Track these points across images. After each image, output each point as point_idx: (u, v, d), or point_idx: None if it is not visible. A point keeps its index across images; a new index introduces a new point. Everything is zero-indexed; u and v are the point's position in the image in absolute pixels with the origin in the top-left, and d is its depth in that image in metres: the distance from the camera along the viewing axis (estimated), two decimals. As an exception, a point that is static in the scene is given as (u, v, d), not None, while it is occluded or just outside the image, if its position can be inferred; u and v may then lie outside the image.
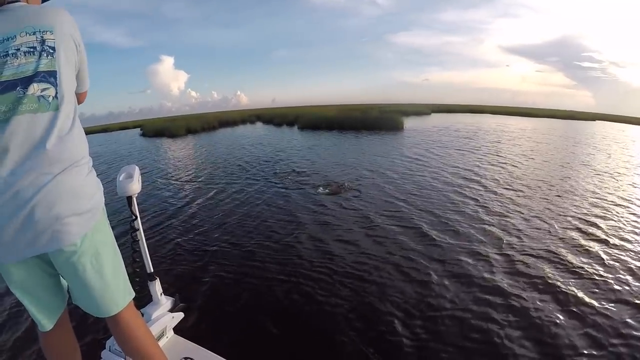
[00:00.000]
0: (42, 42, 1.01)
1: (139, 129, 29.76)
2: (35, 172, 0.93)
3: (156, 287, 1.79)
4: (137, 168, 1.63)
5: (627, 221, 4.89)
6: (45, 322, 1.16)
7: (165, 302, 1.82)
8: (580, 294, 2.99)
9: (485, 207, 5.39)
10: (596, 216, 5.05)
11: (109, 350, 1.58)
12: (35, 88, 0.98)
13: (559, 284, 3.16)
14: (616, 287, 3.12)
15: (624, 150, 13.60)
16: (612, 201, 5.87)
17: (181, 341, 1.74)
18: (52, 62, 1.02)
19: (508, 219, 4.85)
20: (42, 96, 0.98)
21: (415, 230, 4.47)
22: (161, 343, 1.66)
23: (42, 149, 0.95)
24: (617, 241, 4.14)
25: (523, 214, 5.09)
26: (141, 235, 1.71)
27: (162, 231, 4.77)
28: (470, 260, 3.59)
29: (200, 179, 8.12)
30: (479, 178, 7.38)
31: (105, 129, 37.05)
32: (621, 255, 3.76)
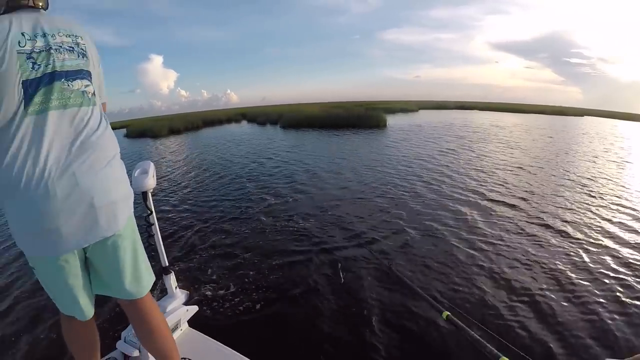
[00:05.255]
0: (77, 44, 1.07)
1: (124, 129, 29.45)
2: (89, 160, 0.99)
3: (171, 280, 1.80)
4: (152, 164, 1.63)
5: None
6: (89, 310, 1.18)
7: (180, 295, 1.83)
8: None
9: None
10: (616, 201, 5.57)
11: (124, 341, 1.62)
12: (79, 84, 1.04)
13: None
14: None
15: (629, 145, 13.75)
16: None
17: (195, 334, 1.78)
18: (87, 63, 1.09)
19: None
20: (85, 92, 1.06)
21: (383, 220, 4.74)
22: (175, 335, 1.67)
23: (92, 139, 1.02)
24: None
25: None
26: (156, 229, 1.71)
27: (173, 227, 4.83)
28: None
29: (189, 178, 8.20)
30: (454, 175, 7.12)
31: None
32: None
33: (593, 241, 3.95)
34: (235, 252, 3.93)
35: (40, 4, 1.06)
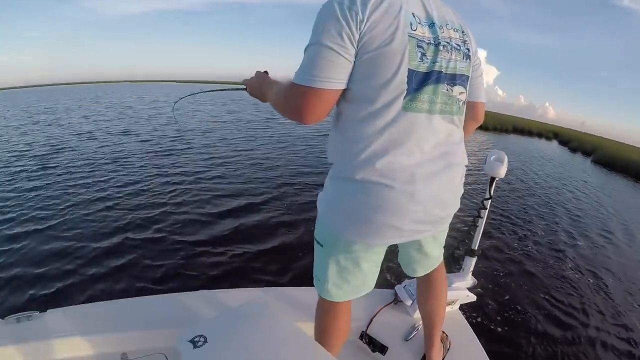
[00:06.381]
0: (464, 42, 0.97)
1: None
2: (450, 174, 0.99)
3: (471, 263, 1.85)
4: (506, 156, 1.65)
5: None
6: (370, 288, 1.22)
7: (469, 280, 1.88)
8: None
9: None
10: None
11: (403, 287, 1.84)
12: (457, 90, 0.95)
13: None
14: None
15: None
16: None
17: (461, 318, 1.83)
18: (468, 67, 1.00)
19: None
20: (459, 99, 0.97)
21: None
22: (446, 310, 1.64)
23: (457, 153, 1.02)
24: None
25: None
26: (485, 214, 1.75)
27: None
28: None
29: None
30: None
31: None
32: None
33: None
34: (527, 268, 4.16)
35: None
